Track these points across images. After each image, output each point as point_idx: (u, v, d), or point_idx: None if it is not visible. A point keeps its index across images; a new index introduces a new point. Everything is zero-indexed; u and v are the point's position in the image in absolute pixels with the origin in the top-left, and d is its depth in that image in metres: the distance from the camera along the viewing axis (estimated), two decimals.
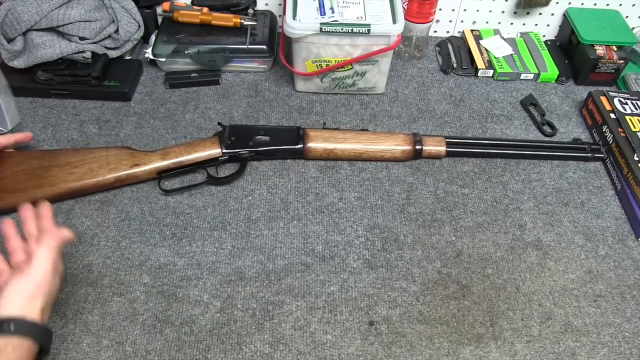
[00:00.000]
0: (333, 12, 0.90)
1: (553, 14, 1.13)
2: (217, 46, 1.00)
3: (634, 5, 1.12)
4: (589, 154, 0.91)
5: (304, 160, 0.90)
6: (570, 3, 1.11)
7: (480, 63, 1.07)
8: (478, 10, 1.13)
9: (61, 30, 0.93)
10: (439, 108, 1.01)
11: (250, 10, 1.06)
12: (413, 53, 1.10)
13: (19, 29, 0.90)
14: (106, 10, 0.97)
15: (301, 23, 0.89)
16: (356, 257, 0.77)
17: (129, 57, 1.04)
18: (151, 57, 1.01)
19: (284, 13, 0.91)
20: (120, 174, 0.81)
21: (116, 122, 0.94)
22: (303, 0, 0.92)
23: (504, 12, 1.13)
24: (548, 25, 1.15)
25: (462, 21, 1.15)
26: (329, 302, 0.72)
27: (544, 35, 1.16)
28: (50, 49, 0.92)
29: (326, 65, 0.95)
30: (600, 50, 1.03)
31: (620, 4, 1.11)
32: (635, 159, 0.86)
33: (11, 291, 0.58)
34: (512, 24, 1.15)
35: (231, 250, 0.77)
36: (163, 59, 1.00)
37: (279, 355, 0.67)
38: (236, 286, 0.73)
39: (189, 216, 0.81)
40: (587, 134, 0.98)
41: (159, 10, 1.04)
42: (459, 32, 1.17)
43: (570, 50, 1.09)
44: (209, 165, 0.85)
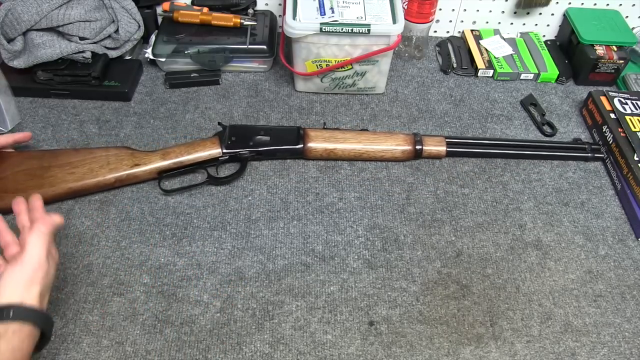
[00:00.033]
0: (333, 12, 0.90)
1: (553, 14, 1.13)
2: (217, 46, 1.00)
3: (634, 5, 1.12)
4: (589, 154, 0.91)
5: (304, 160, 0.90)
6: (570, 3, 1.11)
7: (480, 63, 1.07)
8: (478, 10, 1.13)
9: (61, 30, 0.93)
10: (439, 108, 1.01)
11: (250, 10, 1.06)
12: (413, 53, 1.10)
13: (19, 29, 0.90)
14: (106, 10, 0.97)
15: (301, 23, 0.89)
16: (356, 257, 0.77)
17: (129, 57, 1.04)
18: (151, 57, 1.01)
19: (284, 13, 0.91)
20: (121, 174, 0.81)
21: (116, 122, 0.94)
22: (303, 0, 0.92)
23: (504, 12, 1.13)
24: (548, 25, 1.15)
25: (462, 21, 1.15)
26: (329, 302, 0.72)
27: (544, 35, 1.16)
28: (50, 49, 0.92)
29: (326, 65, 0.95)
30: (600, 50, 1.03)
31: (620, 4, 1.11)
32: (635, 159, 0.86)
33: (8, 279, 0.58)
34: (512, 24, 1.15)
35: (231, 250, 0.77)
36: (163, 59, 1.00)
37: (279, 355, 0.67)
38: (236, 286, 0.73)
39: (189, 216, 0.81)
40: (587, 134, 0.98)
41: (159, 10, 1.04)
42: (459, 32, 1.17)
43: (570, 50, 1.09)
44: (209, 165, 0.85)
